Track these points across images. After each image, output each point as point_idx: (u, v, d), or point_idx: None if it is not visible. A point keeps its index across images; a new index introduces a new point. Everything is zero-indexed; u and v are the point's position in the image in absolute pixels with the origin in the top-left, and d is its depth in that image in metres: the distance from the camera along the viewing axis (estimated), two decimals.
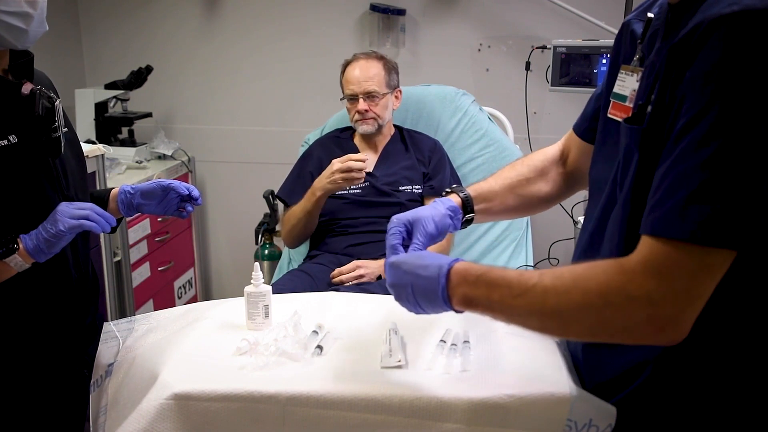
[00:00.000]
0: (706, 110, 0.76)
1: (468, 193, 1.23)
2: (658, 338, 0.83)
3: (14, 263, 1.21)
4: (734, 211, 0.75)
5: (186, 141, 3.19)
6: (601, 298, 0.83)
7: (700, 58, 0.77)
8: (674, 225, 0.78)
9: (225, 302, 1.41)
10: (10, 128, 1.22)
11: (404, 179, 2.24)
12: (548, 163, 1.28)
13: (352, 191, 2.21)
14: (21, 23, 1.20)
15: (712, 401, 0.90)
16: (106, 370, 1.26)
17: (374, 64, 2.24)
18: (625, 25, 1.03)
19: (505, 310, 0.92)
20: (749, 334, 0.87)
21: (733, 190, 0.75)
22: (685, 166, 0.78)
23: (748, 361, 0.88)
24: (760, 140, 0.74)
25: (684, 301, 0.80)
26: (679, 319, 0.80)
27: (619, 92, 0.96)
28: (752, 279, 0.85)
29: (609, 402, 0.97)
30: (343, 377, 1.08)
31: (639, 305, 0.81)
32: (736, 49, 0.75)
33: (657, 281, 0.80)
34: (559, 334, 0.97)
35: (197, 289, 3.30)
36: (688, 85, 0.79)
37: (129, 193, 1.47)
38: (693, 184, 0.77)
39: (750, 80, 0.74)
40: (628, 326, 0.83)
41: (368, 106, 2.20)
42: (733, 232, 0.76)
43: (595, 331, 0.88)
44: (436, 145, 2.34)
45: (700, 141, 0.76)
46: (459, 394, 1.00)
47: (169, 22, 3.18)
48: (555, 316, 0.88)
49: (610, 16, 2.60)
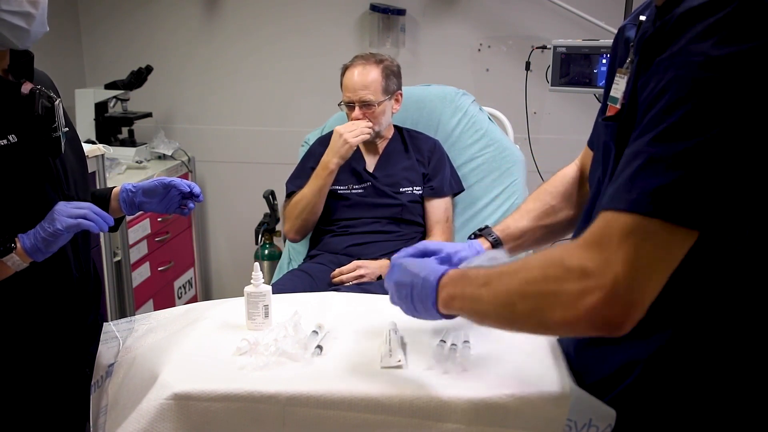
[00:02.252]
0: (664, 91, 0.77)
1: (497, 235, 1.24)
2: (593, 316, 0.77)
3: (11, 262, 1.21)
4: (681, 184, 0.73)
5: (186, 141, 3.19)
6: (540, 270, 0.83)
7: (670, 47, 0.78)
8: (619, 197, 0.77)
9: (225, 302, 1.41)
10: (10, 128, 1.22)
11: (405, 180, 2.23)
12: (570, 186, 1.27)
13: (354, 191, 2.21)
14: (23, 23, 1.20)
15: (703, 401, 0.90)
16: (107, 371, 1.26)
17: (372, 70, 2.19)
18: (621, 30, 1.05)
19: (472, 304, 0.92)
20: (740, 334, 0.87)
21: (682, 164, 0.73)
22: (639, 141, 0.77)
23: (739, 360, 0.88)
24: (715, 117, 0.73)
25: (618, 272, 0.75)
26: (614, 294, 0.75)
27: (613, 95, 0.97)
28: (741, 278, 0.85)
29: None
30: (343, 377, 1.08)
31: (572, 276, 0.78)
32: (700, 34, 0.75)
33: (593, 252, 0.77)
34: (511, 322, 0.91)
35: (197, 289, 3.30)
36: (653, 68, 0.80)
37: (131, 191, 1.47)
38: (644, 157, 0.76)
39: (710, 62, 0.74)
40: (564, 302, 0.79)
41: (363, 115, 2.18)
42: (678, 205, 0.73)
43: (537, 312, 0.83)
44: (436, 145, 2.33)
45: (655, 117, 0.76)
46: (459, 394, 1.00)
47: (169, 22, 3.18)
48: (504, 299, 0.87)
49: (610, 16, 2.60)
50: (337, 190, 2.22)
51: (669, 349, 0.88)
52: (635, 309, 0.76)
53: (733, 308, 0.87)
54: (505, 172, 2.39)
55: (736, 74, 0.74)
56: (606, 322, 0.77)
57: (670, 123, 0.75)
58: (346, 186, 2.22)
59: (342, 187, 2.22)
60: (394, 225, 2.18)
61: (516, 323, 0.90)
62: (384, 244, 2.13)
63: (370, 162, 2.29)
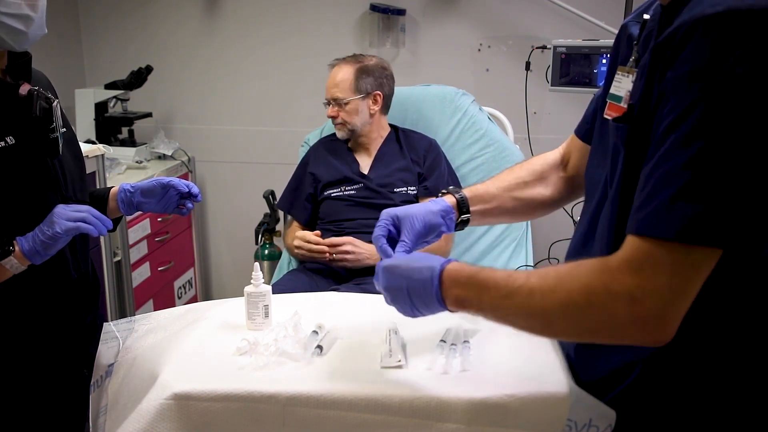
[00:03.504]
0: (690, 110, 0.77)
1: (464, 194, 1.23)
2: (642, 337, 0.82)
3: (10, 265, 1.21)
4: (719, 210, 0.75)
5: (186, 141, 3.19)
6: (584, 296, 0.84)
7: (683, 58, 0.78)
8: (658, 224, 0.79)
9: (225, 302, 1.41)
10: (8, 129, 1.22)
11: (399, 181, 2.24)
12: (548, 167, 1.27)
13: (346, 193, 2.23)
14: (21, 25, 1.19)
15: (701, 401, 0.90)
16: (107, 371, 1.26)
17: (345, 69, 2.23)
18: (623, 27, 1.04)
19: (495, 311, 0.94)
20: (738, 335, 0.88)
21: (718, 189, 0.75)
22: (669, 165, 0.78)
23: (738, 361, 0.88)
24: (744, 139, 0.74)
25: (666, 298, 0.79)
26: (662, 317, 0.80)
27: (614, 93, 0.97)
28: (741, 280, 0.85)
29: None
30: (343, 377, 1.08)
31: (621, 303, 0.81)
32: (720, 49, 0.75)
33: (639, 278, 0.80)
34: (546, 333, 0.96)
35: (197, 289, 3.29)
36: (671, 84, 0.80)
37: (129, 191, 1.47)
38: (678, 183, 0.77)
39: (733, 80, 0.74)
40: (611, 325, 0.83)
41: (336, 112, 2.22)
42: (718, 231, 0.76)
43: (579, 330, 0.88)
44: (432, 145, 2.33)
45: (684, 140, 0.77)
46: (459, 394, 1.00)
47: (169, 22, 3.18)
48: (540, 316, 0.89)
49: (610, 16, 2.60)
50: (330, 194, 2.24)
51: (667, 350, 0.88)
52: (676, 325, 0.81)
53: (731, 309, 0.87)
54: None
55: (756, 91, 0.74)
56: (653, 341, 0.82)
57: (701, 147, 0.76)
58: (338, 189, 2.24)
59: (335, 190, 2.24)
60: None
61: (548, 334, 0.95)
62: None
63: (365, 163, 2.29)
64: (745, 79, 0.74)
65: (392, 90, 2.32)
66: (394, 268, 1.03)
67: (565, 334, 0.93)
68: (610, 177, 0.95)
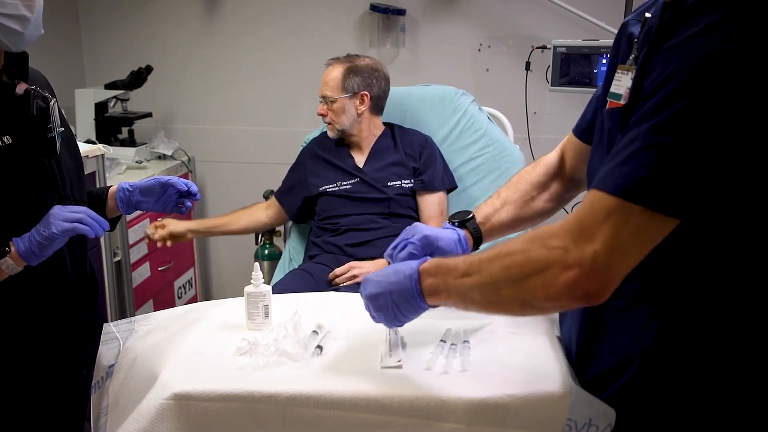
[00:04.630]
0: (667, 80, 0.78)
1: (479, 229, 1.27)
2: (574, 289, 0.82)
3: (5, 266, 1.21)
4: (668, 175, 0.76)
5: (186, 141, 3.18)
6: (523, 253, 0.86)
7: (678, 34, 0.79)
8: (607, 180, 0.81)
9: (225, 302, 1.41)
10: (5, 129, 1.21)
11: (393, 175, 2.26)
12: (548, 176, 1.29)
13: (342, 188, 2.24)
14: (17, 26, 1.19)
15: (699, 397, 0.90)
16: (107, 372, 1.26)
17: (335, 68, 2.27)
18: (624, 25, 1.04)
19: (458, 291, 0.96)
20: (734, 328, 0.88)
21: (674, 156, 0.76)
22: (638, 128, 0.80)
23: (735, 354, 0.88)
24: (714, 115, 0.75)
25: (597, 247, 0.79)
26: (592, 267, 0.80)
27: (614, 91, 0.97)
28: (737, 275, 0.85)
29: (599, 398, 0.97)
30: (343, 377, 1.08)
31: (555, 254, 0.82)
32: (711, 25, 0.76)
33: (574, 231, 0.81)
34: (496, 306, 0.95)
35: (197, 289, 3.29)
36: (660, 55, 0.81)
37: (127, 190, 1.47)
38: (637, 145, 0.79)
39: (717, 56, 0.75)
40: (546, 282, 0.83)
41: (325, 110, 2.25)
42: (661, 195, 0.77)
43: (521, 291, 0.87)
44: (428, 141, 2.35)
45: (657, 106, 0.78)
46: (459, 394, 1.00)
47: (169, 22, 3.18)
48: (489, 284, 0.91)
49: (610, 16, 2.60)
50: (326, 189, 2.25)
51: (665, 342, 0.88)
52: (611, 282, 0.81)
53: (726, 301, 0.87)
54: (505, 172, 2.39)
55: (739, 71, 0.74)
56: (584, 295, 0.82)
57: (666, 115, 0.77)
58: (334, 183, 2.26)
59: (331, 186, 2.26)
60: (385, 219, 2.20)
61: (502, 306, 0.94)
62: (381, 242, 2.14)
63: (359, 159, 2.31)
64: (730, 57, 0.75)
65: (383, 91, 2.31)
66: (373, 276, 1.08)
67: (512, 300, 0.90)
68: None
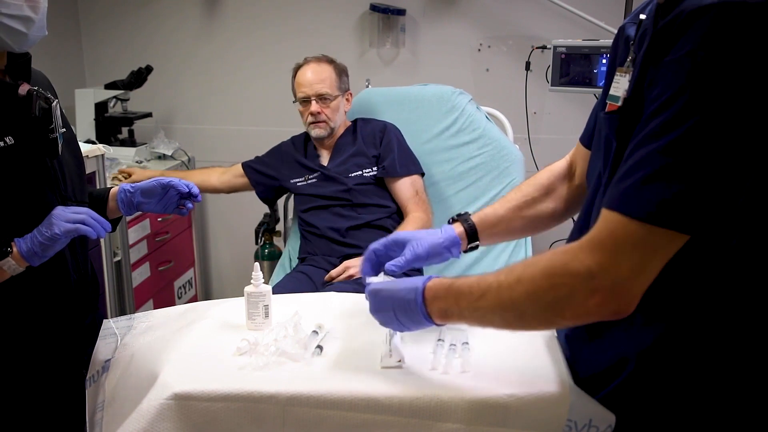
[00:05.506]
0: (676, 96, 0.78)
1: (473, 222, 1.27)
2: (601, 312, 0.85)
3: (7, 267, 1.21)
4: (687, 197, 0.78)
5: (186, 141, 3.18)
6: (546, 279, 0.87)
7: (677, 46, 0.79)
8: (628, 201, 0.81)
9: (225, 302, 1.41)
10: (7, 130, 1.22)
11: (354, 166, 2.30)
12: (555, 180, 1.28)
13: (309, 182, 2.31)
14: (22, 27, 1.19)
15: (695, 398, 0.90)
16: (103, 366, 1.26)
17: (325, 67, 2.31)
18: (621, 29, 1.05)
19: (473, 314, 0.97)
20: (733, 334, 0.88)
21: (692, 176, 0.77)
22: (649, 147, 0.80)
23: (732, 355, 0.88)
24: (724, 131, 0.76)
25: (624, 275, 0.81)
26: (619, 292, 0.82)
27: (613, 94, 0.98)
28: (732, 274, 0.86)
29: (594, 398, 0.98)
30: (343, 377, 1.08)
31: (579, 279, 0.84)
32: (712, 39, 0.76)
33: (599, 256, 0.83)
34: (521, 326, 0.98)
35: (197, 289, 3.29)
36: (663, 69, 0.81)
37: (129, 191, 1.47)
38: (654, 165, 0.79)
39: (722, 72, 0.75)
40: (573, 303, 0.85)
41: (320, 108, 2.27)
42: (683, 216, 0.78)
43: (547, 314, 0.90)
44: (386, 127, 2.37)
45: (666, 125, 0.78)
46: (459, 394, 1.01)
47: (169, 22, 3.18)
48: (511, 308, 0.92)
49: (610, 16, 2.60)
50: (296, 183, 2.33)
51: (661, 345, 0.89)
52: (637, 298, 0.84)
53: (724, 303, 0.87)
54: (504, 171, 2.39)
55: (743, 84, 0.75)
56: (614, 313, 0.85)
57: (678, 135, 0.77)
58: (302, 178, 2.33)
59: (299, 180, 2.33)
60: (350, 210, 2.24)
61: (525, 326, 0.97)
62: (355, 233, 2.20)
63: (324, 157, 2.37)
64: (735, 72, 0.75)
65: None
66: (378, 291, 1.09)
67: (537, 322, 0.94)
68: (603, 168, 0.97)
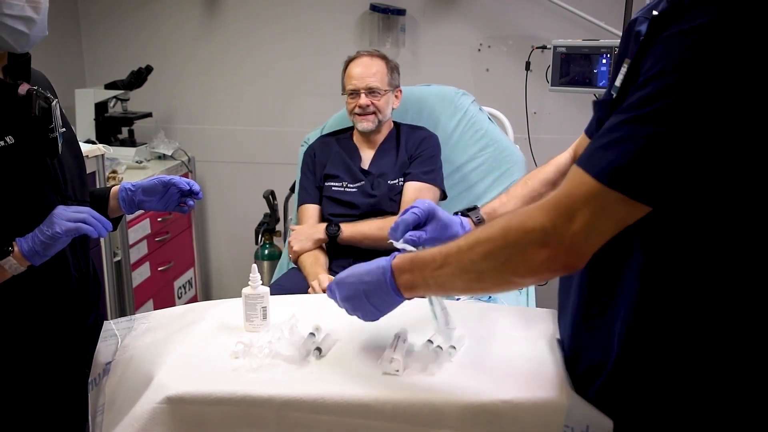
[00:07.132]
0: (659, 74, 0.79)
1: (482, 217, 1.29)
2: (552, 264, 0.87)
3: (9, 266, 1.21)
4: (646, 167, 0.79)
5: (186, 141, 3.18)
6: (502, 238, 0.89)
7: (674, 26, 0.80)
8: (589, 159, 0.83)
9: (224, 302, 1.41)
10: (7, 129, 1.22)
11: (393, 173, 2.26)
12: (560, 174, 1.28)
13: (348, 190, 2.23)
14: (23, 27, 1.19)
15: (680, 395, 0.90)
16: (104, 368, 1.25)
17: (377, 62, 2.27)
18: (632, 22, 1.05)
19: (437, 281, 0.99)
20: (714, 330, 0.87)
21: (657, 150, 0.78)
22: (624, 115, 0.81)
23: (715, 356, 0.88)
24: (701, 116, 0.76)
25: (575, 228, 0.83)
26: (570, 245, 0.84)
27: (618, 84, 0.98)
28: (717, 274, 0.86)
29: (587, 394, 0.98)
30: (338, 381, 1.07)
31: (534, 236, 0.86)
32: (708, 26, 0.76)
33: (553, 213, 0.85)
34: (480, 288, 1.00)
35: (197, 289, 3.30)
36: (655, 46, 0.82)
37: (130, 190, 1.47)
38: (623, 131, 0.81)
39: (712, 58, 0.76)
40: (527, 259, 0.87)
41: (370, 101, 2.23)
42: (637, 183, 0.79)
43: (504, 273, 0.91)
44: (425, 139, 2.32)
45: (646, 99, 0.80)
46: (454, 399, 1.00)
47: (169, 22, 3.18)
48: (471, 269, 0.93)
49: (610, 16, 2.60)
50: (331, 186, 2.25)
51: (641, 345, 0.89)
52: (586, 256, 0.87)
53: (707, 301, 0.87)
54: (506, 172, 2.39)
55: (728, 70, 0.75)
56: (563, 267, 0.88)
57: (654, 108, 0.79)
58: (340, 184, 2.25)
59: (337, 185, 2.25)
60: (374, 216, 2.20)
61: (484, 287, 1.01)
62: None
63: (366, 158, 2.31)
64: (720, 57, 0.75)
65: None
66: (345, 278, 1.10)
67: (494, 281, 0.95)
68: None
